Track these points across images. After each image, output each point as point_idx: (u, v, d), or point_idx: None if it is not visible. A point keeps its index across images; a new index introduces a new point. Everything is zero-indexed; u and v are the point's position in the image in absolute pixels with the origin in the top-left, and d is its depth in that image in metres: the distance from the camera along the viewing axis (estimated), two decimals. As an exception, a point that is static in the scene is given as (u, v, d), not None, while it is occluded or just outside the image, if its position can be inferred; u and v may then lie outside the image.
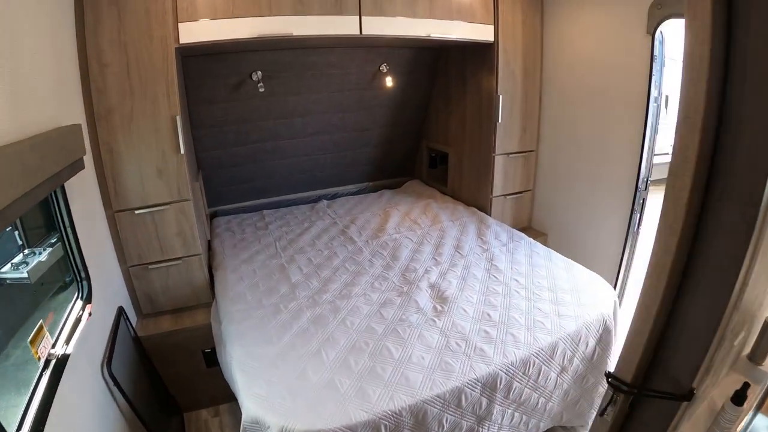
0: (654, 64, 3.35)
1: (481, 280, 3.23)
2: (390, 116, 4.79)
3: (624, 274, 3.99)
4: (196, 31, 2.89)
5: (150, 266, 3.13)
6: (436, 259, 3.51)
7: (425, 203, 4.64)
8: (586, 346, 2.76)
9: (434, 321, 2.73)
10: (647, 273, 1.29)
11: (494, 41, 3.90)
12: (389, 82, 4.35)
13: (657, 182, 3.54)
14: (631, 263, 3.98)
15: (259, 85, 3.74)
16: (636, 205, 3.72)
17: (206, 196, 4.27)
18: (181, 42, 2.86)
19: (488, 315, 2.80)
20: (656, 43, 3.29)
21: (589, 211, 4.11)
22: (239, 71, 3.75)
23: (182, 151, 2.95)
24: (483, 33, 3.82)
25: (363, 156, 5.00)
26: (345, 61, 4.10)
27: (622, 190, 3.75)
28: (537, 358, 2.54)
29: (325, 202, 4.75)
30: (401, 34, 3.42)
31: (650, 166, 3.65)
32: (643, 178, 3.64)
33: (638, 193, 3.68)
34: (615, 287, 3.93)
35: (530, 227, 4.78)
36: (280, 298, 2.96)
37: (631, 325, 1.38)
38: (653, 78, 3.38)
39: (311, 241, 3.80)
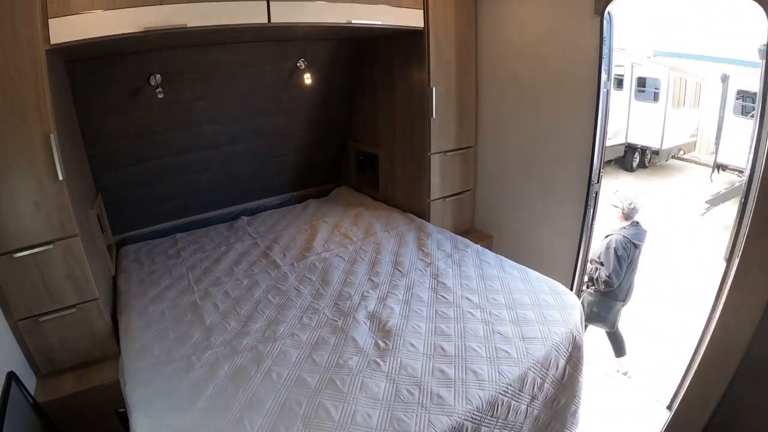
0: (603, 46, 3.11)
1: (428, 302, 2.80)
2: (312, 118, 4.28)
3: (580, 274, 3.77)
4: (69, 28, 2.27)
5: (41, 318, 2.52)
6: (373, 281, 3.04)
7: (356, 212, 4.15)
8: (557, 368, 2.46)
9: (378, 363, 2.26)
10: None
11: (424, 27, 3.47)
12: (308, 79, 3.84)
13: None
14: (586, 261, 3.76)
15: (157, 90, 3.17)
16: (590, 199, 3.48)
17: (110, 223, 3.66)
18: (52, 42, 2.24)
19: (442, 348, 2.38)
20: (605, 24, 3.07)
21: (538, 208, 3.84)
22: (136, 76, 3.16)
23: (61, 177, 2.33)
24: (411, 18, 3.39)
25: (285, 164, 4.46)
26: (257, 58, 3.59)
27: (574, 183, 3.50)
28: (505, 395, 2.18)
29: (245, 219, 4.15)
30: (318, 22, 2.92)
31: (603, 156, 3.41)
32: (596, 170, 3.40)
33: (591, 186, 3.44)
34: (572, 288, 3.71)
35: (473, 229, 4.42)
36: (192, 348, 2.41)
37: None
38: (603, 61, 3.14)
39: (229, 269, 3.25)
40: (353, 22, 3.02)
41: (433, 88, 3.60)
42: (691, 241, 7.60)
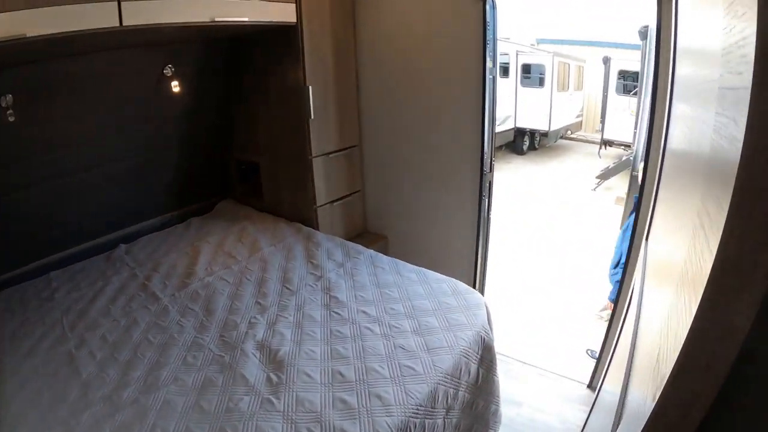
0: (487, 33, 3.10)
1: (322, 321, 2.62)
2: (188, 129, 3.94)
3: (481, 267, 3.76)
4: None
5: None
6: (260, 304, 2.81)
7: (240, 227, 3.86)
8: (469, 374, 2.39)
9: (272, 402, 2.06)
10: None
11: (297, 23, 3.25)
12: (176, 87, 3.50)
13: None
14: (486, 253, 3.76)
15: (8, 113, 2.75)
16: (483, 190, 3.48)
17: None
18: None
19: (340, 374, 2.22)
20: (488, 9, 3.08)
21: (432, 204, 3.78)
22: None
23: None
24: (283, 13, 3.16)
25: (162, 181, 4.07)
26: (121, 68, 3.21)
27: (467, 174, 3.48)
28: (416, 417, 2.06)
29: (123, 247, 3.70)
30: (177, 22, 2.61)
31: (493, 144, 3.42)
32: (487, 159, 3.39)
33: (484, 176, 3.44)
34: (474, 285, 3.70)
35: (366, 232, 4.29)
36: (69, 410, 2.08)
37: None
38: (487, 48, 3.13)
39: (105, 308, 2.87)
40: (217, 20, 2.74)
41: (310, 87, 3.40)
42: (583, 217, 7.86)
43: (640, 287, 1.76)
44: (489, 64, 3.15)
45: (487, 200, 3.54)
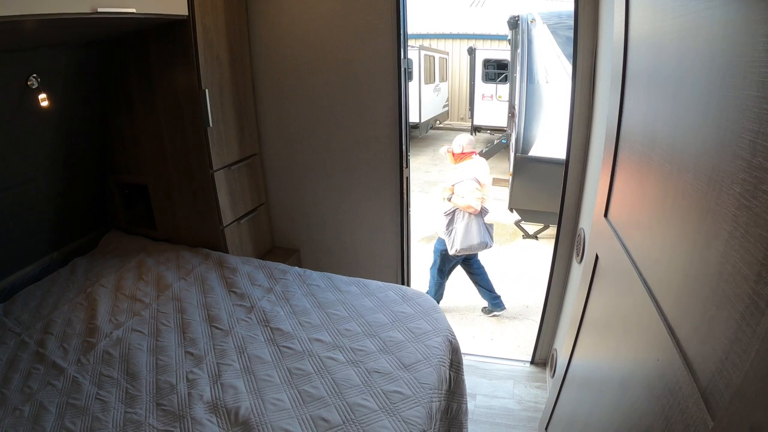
0: (401, 23, 2.97)
1: (274, 361, 2.21)
2: (57, 152, 3.20)
3: (406, 264, 3.61)
4: None
5: None
6: (192, 354, 2.30)
7: (137, 262, 3.23)
8: (444, 383, 2.16)
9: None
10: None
11: (189, 16, 2.76)
12: (44, 101, 2.81)
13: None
14: (410, 249, 3.62)
15: None
16: (403, 186, 3.34)
17: None
18: None
19: (323, 420, 1.85)
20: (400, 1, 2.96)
21: (346, 207, 3.54)
22: None
23: None
24: (173, 5, 2.66)
25: (34, 219, 3.24)
26: None
27: (384, 173, 3.32)
28: None
29: None
30: (53, 12, 2.01)
31: (408, 141, 3.29)
32: (405, 155, 3.26)
33: (403, 172, 3.29)
34: (403, 282, 3.57)
35: (276, 247, 3.88)
36: None
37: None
38: (402, 40, 3.02)
39: None
40: (100, 10, 2.18)
41: (207, 91, 2.92)
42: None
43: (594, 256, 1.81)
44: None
45: (406, 197, 3.38)
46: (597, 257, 1.76)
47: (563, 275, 3.01)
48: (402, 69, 3.03)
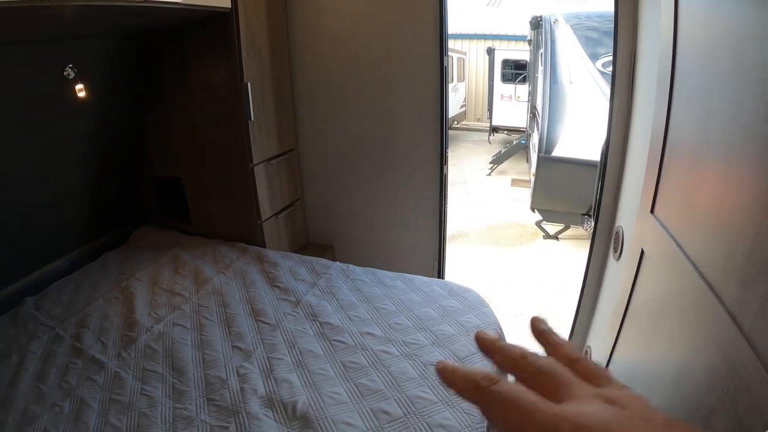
0: (444, 18, 2.92)
1: (326, 355, 2.15)
2: (91, 145, 3.17)
3: (442, 261, 3.55)
4: None
5: None
6: (240, 348, 2.24)
7: (172, 256, 3.20)
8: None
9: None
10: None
11: (232, 9, 2.71)
12: (81, 92, 2.78)
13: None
14: (446, 247, 3.55)
15: None
16: (443, 182, 3.29)
17: None
18: None
19: (384, 412, 1.79)
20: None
21: (383, 204, 3.49)
22: None
23: None
24: (217, -4, 2.62)
25: (65, 212, 3.23)
26: (8, 69, 2.44)
27: (424, 169, 3.28)
28: None
29: (30, 301, 2.81)
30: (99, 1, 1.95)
31: (447, 138, 3.24)
32: (444, 152, 3.22)
33: (442, 169, 3.25)
34: (440, 276, 3.53)
35: (310, 243, 3.82)
36: None
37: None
38: (444, 36, 2.96)
39: (35, 390, 2.10)
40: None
41: (249, 84, 2.87)
42: (486, 200, 7.89)
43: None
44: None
45: (445, 193, 3.34)
46: (642, 252, 1.74)
47: (598, 272, 2.96)
48: (444, 66, 2.99)
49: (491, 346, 0.43)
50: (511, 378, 0.40)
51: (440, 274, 3.51)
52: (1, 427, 1.91)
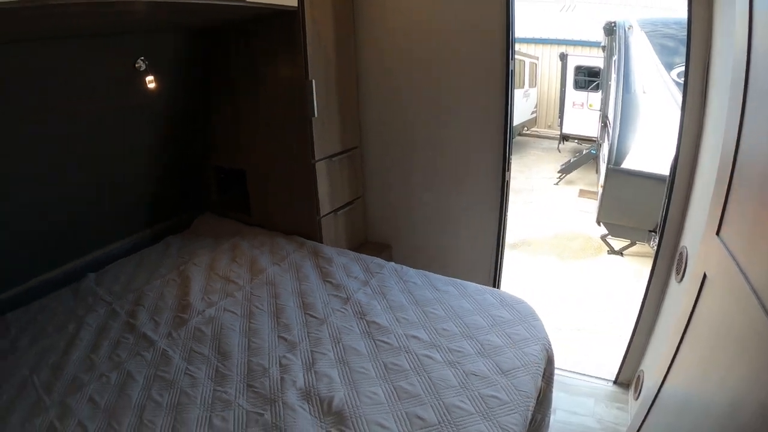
0: (510, 22, 2.88)
1: (369, 354, 2.14)
2: (159, 134, 3.34)
3: (499, 269, 3.50)
4: None
5: None
6: (285, 339, 2.28)
7: (231, 244, 3.30)
8: (537, 391, 2.04)
9: (348, 470, 1.57)
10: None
11: (298, 7, 2.77)
12: (152, 83, 2.93)
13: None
14: (503, 256, 3.48)
15: None
16: (505, 189, 3.22)
17: None
18: None
19: (419, 417, 1.76)
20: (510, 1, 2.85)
21: (443, 207, 3.46)
22: None
23: None
24: (284, -5, 2.68)
25: (131, 196, 3.42)
26: (83, 60, 2.59)
27: (485, 173, 3.23)
28: None
29: (92, 276, 3.00)
30: None
31: (511, 143, 3.16)
32: (507, 159, 3.15)
33: (505, 175, 3.18)
34: (496, 285, 3.48)
35: (368, 242, 3.85)
36: None
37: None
38: (511, 39, 2.93)
39: (86, 359, 2.24)
40: None
41: (313, 82, 2.92)
42: (551, 211, 7.73)
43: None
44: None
45: (506, 200, 3.28)
46: (705, 276, 1.64)
47: (659, 294, 2.85)
48: (510, 71, 2.95)
49: None
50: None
51: (496, 282, 3.46)
52: (50, 391, 2.02)
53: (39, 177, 2.77)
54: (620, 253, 6.08)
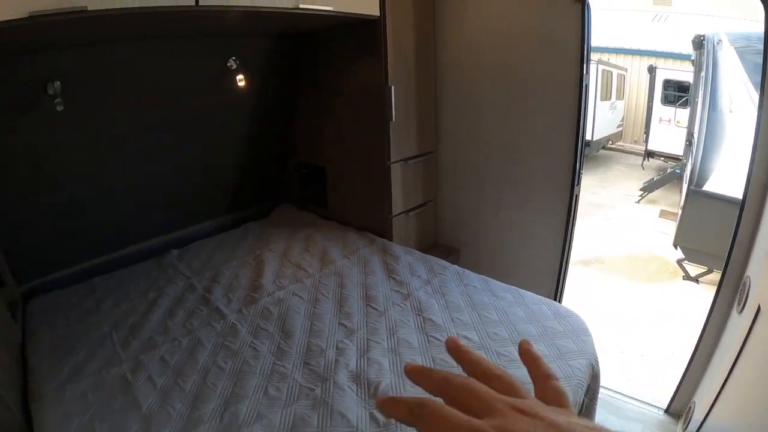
0: (586, 36, 2.86)
1: (420, 348, 2.25)
2: (246, 128, 3.63)
3: (562, 283, 3.47)
4: None
5: None
6: (345, 326, 2.44)
7: (306, 235, 3.52)
8: (576, 406, 2.08)
9: (383, 447, 1.68)
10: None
11: (380, 16, 2.92)
12: (242, 81, 3.20)
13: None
14: (567, 270, 3.46)
15: (56, 101, 2.45)
16: (572, 203, 3.19)
17: (12, 270, 2.80)
18: None
19: None
20: (586, 13, 2.82)
21: (512, 215, 3.48)
22: (27, 84, 2.42)
23: None
24: (366, 5, 2.84)
25: (216, 183, 3.75)
26: (178, 58, 2.91)
27: (554, 186, 3.22)
28: None
29: (174, 252, 3.34)
30: (258, 6, 2.25)
31: (583, 155, 3.13)
32: (578, 170, 3.11)
33: (573, 189, 3.15)
34: (557, 298, 3.44)
35: (437, 244, 3.93)
36: None
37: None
38: (585, 53, 2.88)
39: (162, 324, 2.51)
40: (302, 6, 2.40)
41: (392, 88, 3.07)
42: (628, 231, 7.51)
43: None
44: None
45: (573, 214, 3.26)
46: (759, 309, 1.63)
47: (719, 324, 2.74)
48: (583, 85, 2.95)
49: (418, 374, 0.48)
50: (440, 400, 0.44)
51: (557, 295, 3.47)
52: (126, 347, 2.30)
53: (141, 157, 3.14)
54: (696, 279, 5.78)
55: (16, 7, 1.65)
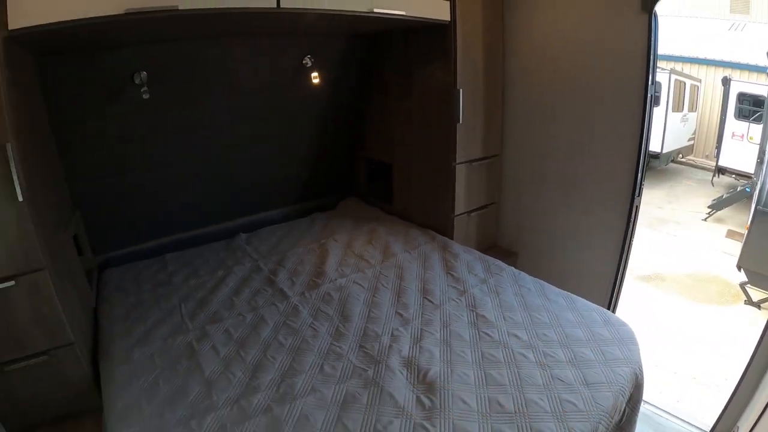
0: (652, 47, 2.83)
1: (471, 342, 2.34)
2: (318, 123, 3.83)
3: (617, 294, 3.44)
4: (33, 10, 1.78)
5: (6, 367, 2.03)
6: (401, 315, 2.56)
7: (369, 228, 3.68)
8: (617, 413, 2.07)
9: (426, 428, 1.80)
10: None
11: (450, 21, 3.04)
12: (316, 78, 3.39)
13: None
14: (623, 281, 3.42)
15: (143, 90, 2.70)
16: (632, 214, 3.17)
17: (91, 242, 3.12)
18: (10, 27, 1.76)
19: (498, 404, 1.93)
20: (653, 23, 2.81)
21: (571, 223, 3.51)
22: (118, 73, 2.68)
23: (20, 197, 1.85)
24: (437, 10, 2.97)
25: (287, 174, 3.97)
26: (256, 55, 3.14)
27: (616, 195, 3.21)
28: None
29: (243, 236, 3.61)
30: (335, 9, 2.43)
31: (645, 166, 3.11)
32: (639, 181, 3.09)
33: (634, 199, 3.13)
34: (610, 308, 3.40)
35: (496, 245, 4.01)
36: (190, 409, 1.91)
37: None
38: (651, 63, 2.88)
39: (228, 300, 2.74)
40: (376, 11, 2.56)
41: (461, 90, 3.17)
42: (692, 251, 7.30)
43: None
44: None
45: (632, 225, 3.24)
46: None
47: None
48: (649, 95, 2.94)
49: None
50: None
51: (611, 306, 3.46)
52: (193, 318, 2.55)
53: (219, 146, 3.46)
54: (758, 305, 5.51)
55: (115, 3, 1.87)
